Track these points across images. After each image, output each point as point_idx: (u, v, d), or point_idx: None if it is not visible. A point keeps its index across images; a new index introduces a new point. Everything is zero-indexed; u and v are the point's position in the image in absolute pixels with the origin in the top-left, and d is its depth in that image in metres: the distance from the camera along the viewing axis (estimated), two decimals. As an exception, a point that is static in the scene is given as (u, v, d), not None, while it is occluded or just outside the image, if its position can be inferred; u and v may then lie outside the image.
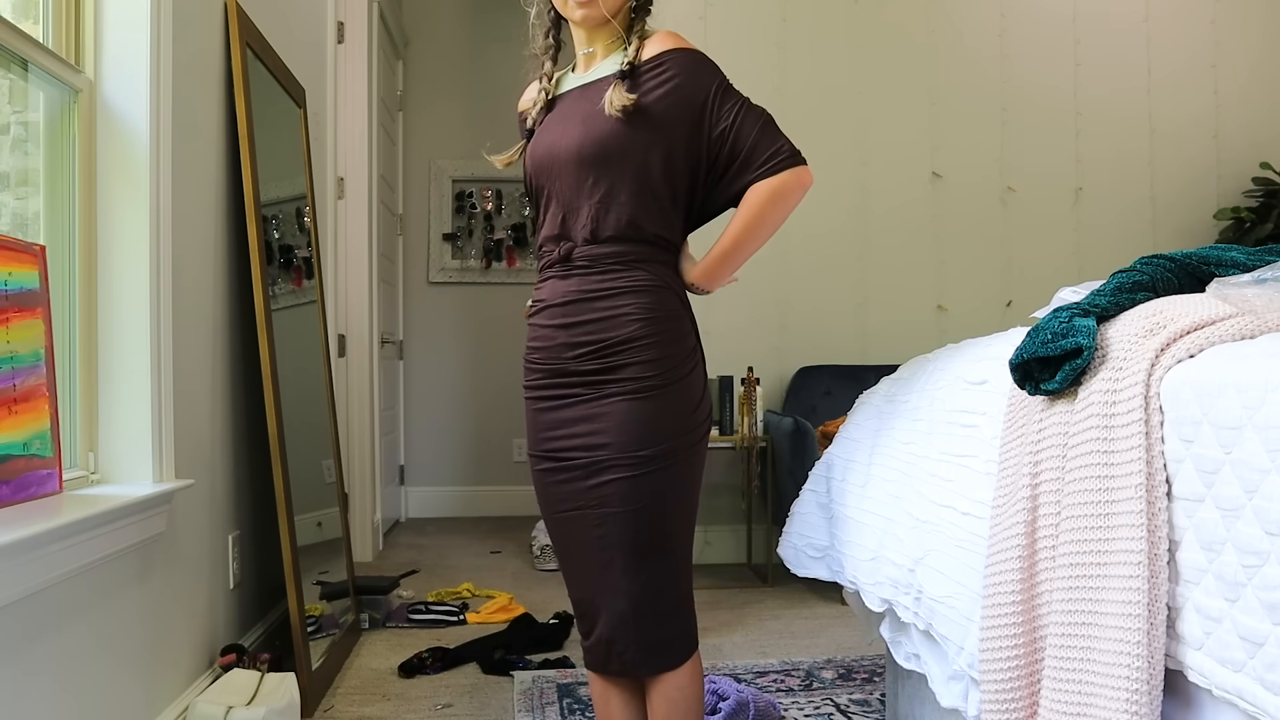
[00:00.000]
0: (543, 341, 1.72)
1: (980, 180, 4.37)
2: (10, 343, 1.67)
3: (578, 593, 1.73)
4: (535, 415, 1.74)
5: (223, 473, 2.53)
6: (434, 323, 5.64)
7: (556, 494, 1.71)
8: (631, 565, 1.64)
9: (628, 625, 1.65)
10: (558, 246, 1.69)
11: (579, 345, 1.66)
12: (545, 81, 1.79)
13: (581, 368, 1.66)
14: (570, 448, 1.67)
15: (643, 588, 1.64)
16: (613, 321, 1.65)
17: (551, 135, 1.71)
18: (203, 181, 2.41)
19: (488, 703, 2.55)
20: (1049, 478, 1.27)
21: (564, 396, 1.69)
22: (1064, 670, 1.16)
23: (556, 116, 1.74)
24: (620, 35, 1.73)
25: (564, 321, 1.68)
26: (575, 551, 1.71)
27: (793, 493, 2.40)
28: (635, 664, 1.67)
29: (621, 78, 1.65)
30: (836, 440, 2.11)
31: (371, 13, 4.40)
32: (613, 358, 1.64)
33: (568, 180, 1.67)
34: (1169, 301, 1.27)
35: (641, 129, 1.63)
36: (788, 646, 3.01)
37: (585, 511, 1.67)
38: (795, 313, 4.25)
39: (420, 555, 4.45)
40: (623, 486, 1.63)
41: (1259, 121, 4.49)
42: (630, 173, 1.64)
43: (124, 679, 1.91)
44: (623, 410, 1.63)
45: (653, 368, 1.64)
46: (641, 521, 1.63)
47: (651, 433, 1.63)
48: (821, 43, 4.29)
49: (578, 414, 1.67)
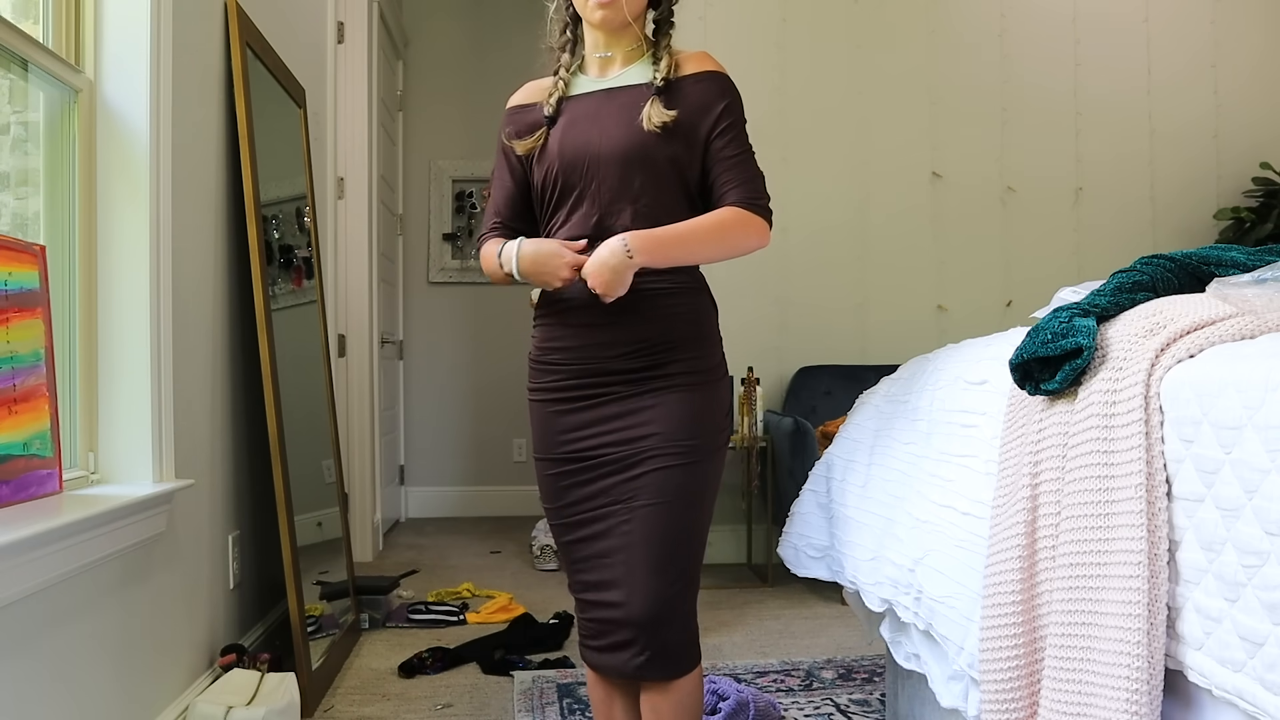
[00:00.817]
0: (570, 341, 1.70)
1: (980, 180, 4.37)
2: (10, 343, 1.67)
3: (595, 595, 1.69)
4: (553, 418, 1.72)
5: (223, 473, 2.53)
6: (434, 323, 5.64)
7: (579, 495, 1.69)
8: (662, 561, 1.63)
9: (650, 628, 1.63)
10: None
11: (622, 343, 1.66)
12: (564, 72, 1.76)
13: (623, 365, 1.66)
14: (601, 445, 1.66)
15: (668, 588, 1.63)
16: (663, 321, 1.67)
17: (585, 135, 1.68)
18: (203, 181, 2.41)
19: (488, 703, 2.55)
20: (1049, 478, 1.27)
21: (596, 396, 1.68)
22: (1064, 670, 1.16)
23: (584, 116, 1.71)
24: (639, 44, 1.74)
25: (602, 321, 1.66)
26: (597, 553, 1.68)
27: (793, 493, 2.40)
28: (651, 668, 1.65)
29: (658, 93, 1.66)
30: (836, 440, 2.11)
31: (371, 13, 4.40)
32: (660, 355, 1.66)
33: (608, 182, 1.66)
34: (1169, 301, 1.27)
35: (680, 140, 1.66)
36: (788, 646, 3.01)
37: (614, 508, 1.66)
38: (795, 313, 4.25)
39: (420, 555, 4.45)
40: (660, 477, 1.63)
41: (1259, 121, 4.49)
42: (672, 179, 1.67)
43: (124, 679, 1.91)
44: (670, 401, 1.65)
45: (701, 363, 1.70)
46: (674, 515, 1.64)
47: (698, 423, 1.67)
48: (821, 43, 4.29)
49: (613, 411, 1.66)
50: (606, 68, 1.75)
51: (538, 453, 1.76)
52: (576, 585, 1.74)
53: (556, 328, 1.72)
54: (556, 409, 1.71)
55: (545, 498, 1.76)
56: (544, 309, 1.76)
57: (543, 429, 1.73)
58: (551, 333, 1.73)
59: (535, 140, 1.72)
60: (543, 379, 1.74)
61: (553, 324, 1.73)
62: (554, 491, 1.73)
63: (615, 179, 1.66)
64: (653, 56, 1.73)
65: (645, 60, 1.74)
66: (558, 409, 1.71)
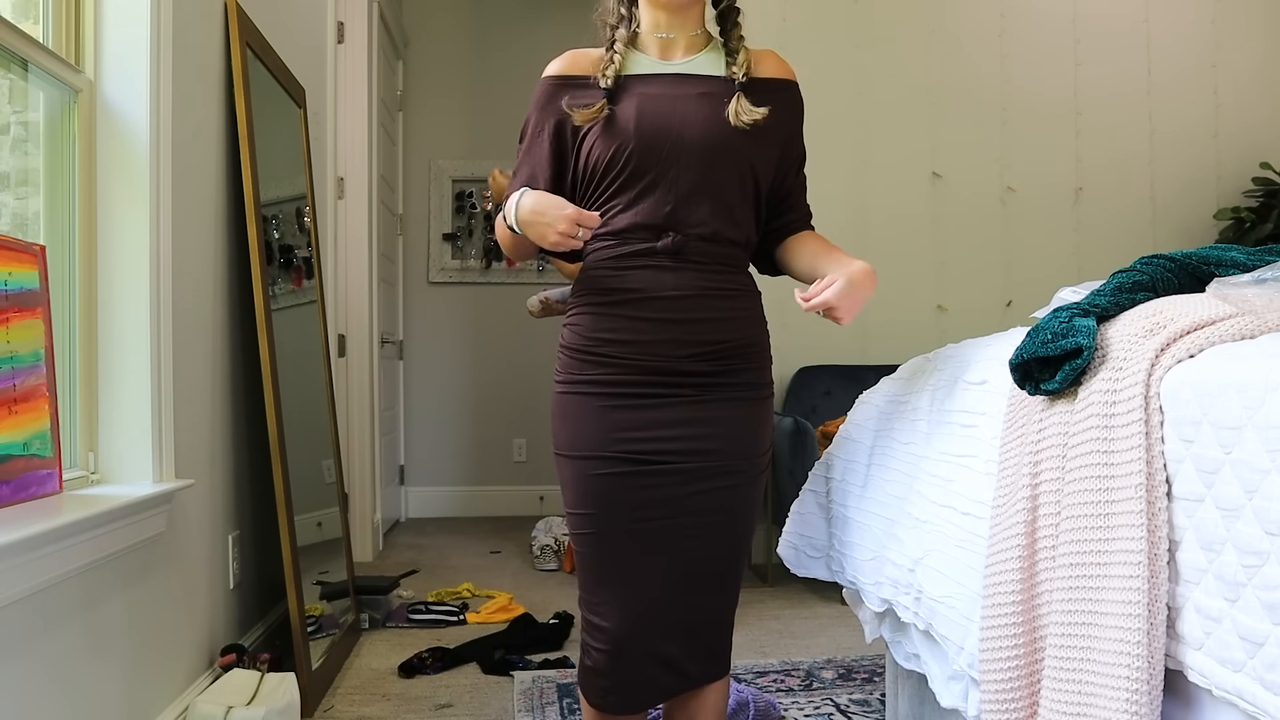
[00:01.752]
0: (632, 335, 1.57)
1: (980, 180, 4.37)
2: (10, 343, 1.67)
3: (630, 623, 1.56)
4: (604, 413, 1.57)
5: (223, 473, 2.53)
6: (434, 323, 5.64)
7: (640, 499, 1.56)
8: (726, 577, 1.61)
9: (700, 638, 1.61)
10: (661, 236, 1.57)
11: (693, 344, 1.57)
12: (620, 46, 1.64)
13: (692, 368, 1.57)
14: (668, 451, 1.56)
15: (728, 598, 1.63)
16: (733, 323, 1.62)
17: (665, 117, 1.57)
18: (203, 181, 2.41)
19: (488, 703, 2.55)
20: (1049, 478, 1.27)
21: (660, 395, 1.57)
22: (1064, 670, 1.16)
23: (659, 97, 1.60)
24: (701, 29, 1.68)
25: (674, 317, 1.56)
26: (646, 567, 1.57)
27: (793, 493, 2.40)
28: (694, 677, 1.63)
29: (742, 89, 1.60)
30: (836, 440, 2.11)
31: (371, 13, 4.40)
32: (730, 360, 1.60)
33: (688, 174, 1.57)
34: (1169, 301, 1.27)
35: (759, 142, 1.61)
36: (788, 646, 3.01)
37: (678, 520, 1.56)
38: (795, 312, 4.19)
39: (420, 555, 4.45)
40: (730, 495, 1.59)
41: (1259, 122, 4.50)
42: (748, 180, 1.63)
43: (124, 679, 1.91)
44: (737, 414, 1.60)
45: (763, 374, 1.67)
46: (742, 530, 1.62)
47: (759, 438, 1.63)
48: (821, 43, 4.29)
49: (680, 415, 1.57)
50: (669, 50, 1.66)
51: (575, 450, 1.60)
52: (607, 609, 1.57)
53: (610, 319, 1.59)
54: (610, 404, 1.57)
55: (583, 501, 1.59)
56: (588, 295, 1.62)
57: (588, 424, 1.58)
58: (604, 323, 1.59)
59: (597, 111, 1.58)
60: (590, 371, 1.59)
61: (603, 313, 1.60)
62: (597, 494, 1.57)
63: (696, 170, 1.57)
64: (725, 48, 1.65)
65: (712, 49, 1.67)
66: (611, 404, 1.57)
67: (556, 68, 1.67)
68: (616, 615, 1.57)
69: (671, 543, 1.57)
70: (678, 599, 1.58)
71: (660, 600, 1.57)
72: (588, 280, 1.64)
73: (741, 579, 1.68)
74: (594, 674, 1.61)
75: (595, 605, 1.60)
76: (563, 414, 1.62)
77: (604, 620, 1.58)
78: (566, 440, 1.62)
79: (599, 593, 1.59)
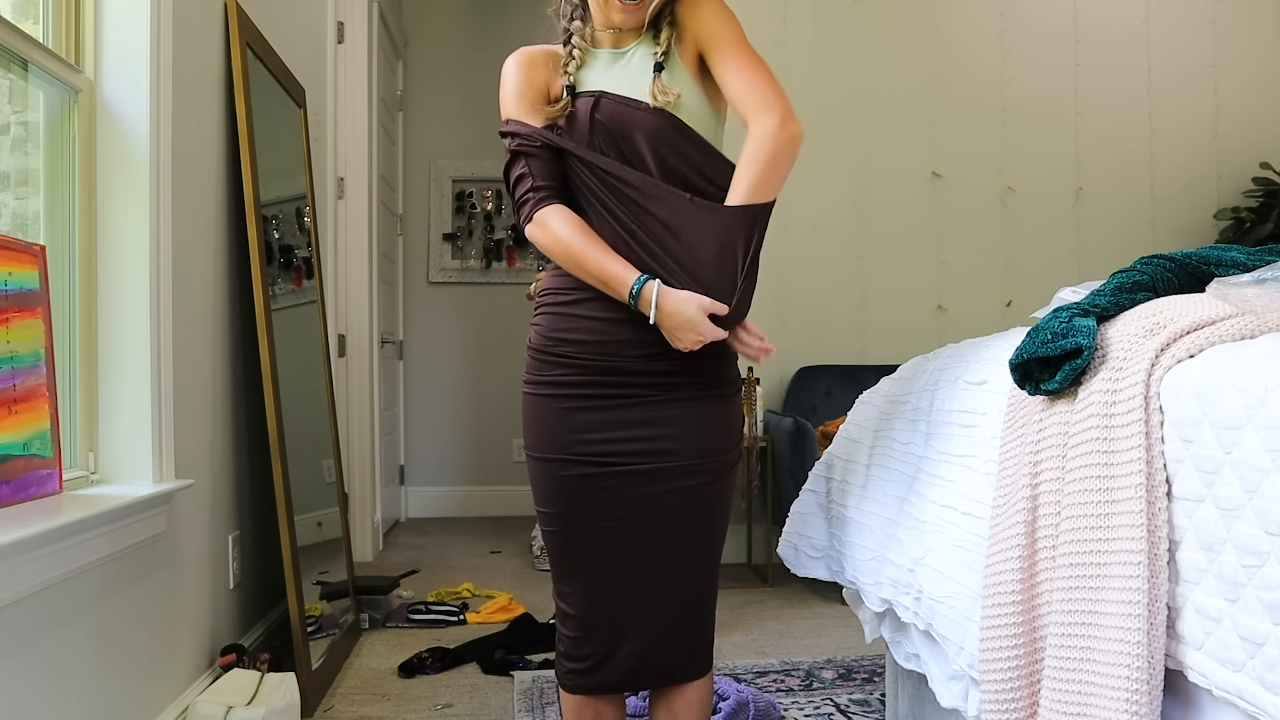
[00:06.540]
0: (590, 335, 1.58)
1: (980, 180, 4.37)
2: (10, 343, 1.67)
3: (600, 610, 1.59)
4: (563, 414, 1.59)
5: (223, 473, 2.53)
6: (434, 323, 5.64)
7: (602, 500, 1.57)
8: (696, 574, 1.61)
9: (675, 635, 1.61)
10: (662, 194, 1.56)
11: (650, 344, 1.55)
12: (578, 40, 1.63)
13: (649, 367, 1.57)
14: (626, 452, 1.56)
15: (701, 595, 1.62)
16: None
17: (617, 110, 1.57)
18: (203, 181, 2.41)
19: (488, 703, 2.55)
20: (1049, 478, 1.27)
21: (617, 396, 1.57)
22: (1064, 670, 1.16)
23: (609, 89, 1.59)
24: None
25: (625, 316, 1.55)
26: (613, 563, 1.59)
27: (793, 493, 2.40)
28: (672, 674, 1.63)
29: (657, 70, 1.57)
30: (836, 440, 2.11)
31: (371, 13, 4.40)
32: (685, 360, 1.56)
33: (651, 160, 1.57)
34: (1169, 301, 1.27)
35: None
36: (788, 646, 3.01)
37: (642, 521, 1.57)
38: (795, 312, 4.24)
39: (420, 555, 4.45)
40: (695, 494, 1.58)
41: (1259, 121, 4.49)
42: (712, 135, 1.62)
43: (124, 679, 1.91)
44: (696, 413, 1.58)
45: (725, 372, 1.64)
46: (709, 529, 1.61)
47: (725, 435, 1.62)
48: (821, 43, 4.29)
49: (638, 416, 1.57)
50: (620, 40, 1.64)
51: (540, 450, 1.62)
52: (577, 598, 1.61)
53: (567, 319, 1.60)
54: (569, 405, 1.59)
55: (549, 500, 1.62)
56: (550, 296, 1.64)
57: (550, 425, 1.60)
58: (561, 323, 1.60)
59: (561, 109, 1.60)
60: (549, 372, 1.61)
61: (561, 314, 1.61)
62: (561, 495, 1.60)
63: (654, 154, 1.56)
64: (653, 28, 1.61)
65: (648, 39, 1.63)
66: (571, 405, 1.59)
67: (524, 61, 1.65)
68: (585, 602, 1.61)
69: (638, 542, 1.58)
70: (648, 594, 1.60)
71: (628, 592, 1.60)
72: (549, 280, 1.65)
73: (718, 573, 1.67)
74: (565, 658, 1.65)
75: (565, 595, 1.64)
76: (528, 415, 1.65)
77: (573, 608, 1.62)
78: (532, 441, 1.65)
79: (568, 583, 1.63)
